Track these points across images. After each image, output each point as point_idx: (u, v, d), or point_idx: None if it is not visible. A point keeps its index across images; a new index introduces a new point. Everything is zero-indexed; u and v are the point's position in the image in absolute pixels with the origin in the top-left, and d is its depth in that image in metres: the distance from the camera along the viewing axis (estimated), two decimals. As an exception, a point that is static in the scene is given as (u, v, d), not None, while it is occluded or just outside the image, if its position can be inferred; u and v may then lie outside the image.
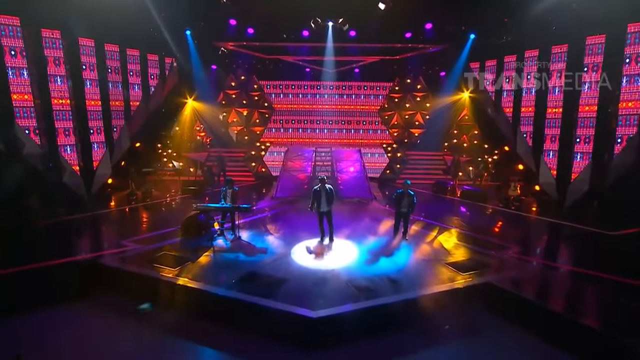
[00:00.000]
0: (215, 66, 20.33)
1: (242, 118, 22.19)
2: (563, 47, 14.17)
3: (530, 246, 10.63)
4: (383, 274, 8.05)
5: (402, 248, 9.69)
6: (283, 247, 9.62)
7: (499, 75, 17.15)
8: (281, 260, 8.75)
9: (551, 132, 14.86)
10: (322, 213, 9.75)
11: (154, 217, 12.81)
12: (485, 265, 8.62)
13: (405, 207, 10.07)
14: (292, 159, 18.87)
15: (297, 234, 10.49)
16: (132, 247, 9.44)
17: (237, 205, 9.82)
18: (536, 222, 12.97)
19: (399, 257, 9.14)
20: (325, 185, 9.68)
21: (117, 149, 16.16)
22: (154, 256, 8.84)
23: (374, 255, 9.18)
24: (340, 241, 9.95)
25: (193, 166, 19.36)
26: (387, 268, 8.40)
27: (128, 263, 8.50)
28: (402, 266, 8.57)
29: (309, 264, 8.56)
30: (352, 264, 8.60)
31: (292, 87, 22.16)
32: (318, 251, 9.33)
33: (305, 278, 7.85)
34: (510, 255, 9.33)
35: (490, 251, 9.51)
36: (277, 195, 15.55)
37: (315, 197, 9.71)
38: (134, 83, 17.10)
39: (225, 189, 10.30)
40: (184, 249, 9.40)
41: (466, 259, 8.99)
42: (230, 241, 10.00)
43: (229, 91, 21.93)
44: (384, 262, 8.83)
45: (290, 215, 12.58)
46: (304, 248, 9.52)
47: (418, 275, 8.11)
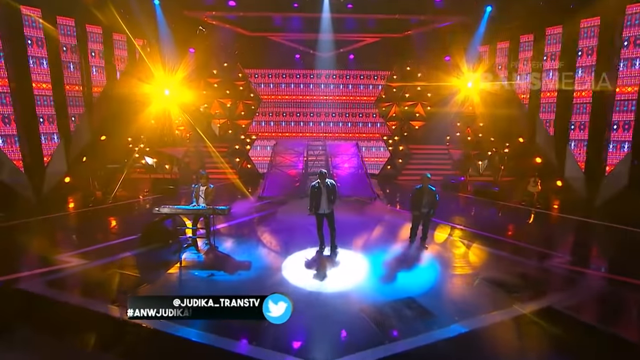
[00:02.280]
0: (194, 49, 17.96)
1: (225, 110, 19.90)
2: (594, 20, 12.32)
3: (580, 254, 8.47)
4: (407, 297, 5.93)
5: (423, 259, 7.61)
6: (272, 260, 7.44)
7: (512, 57, 15.29)
8: (269, 279, 6.55)
9: (579, 119, 13.00)
10: (322, 215, 7.59)
11: (112, 223, 10.47)
12: (536, 281, 6.60)
13: (426, 206, 7.98)
14: (282, 154, 16.65)
15: (290, 243, 8.31)
16: (71, 264, 7.13)
17: (211, 207, 7.58)
18: (573, 224, 10.90)
19: (422, 272, 7.05)
20: (326, 180, 7.53)
21: (75, 141, 13.76)
22: (99, 276, 6.56)
23: (391, 270, 7.07)
24: (344, 251, 7.80)
25: (169, 163, 17.01)
26: (411, 288, 6.28)
27: (56, 287, 6.20)
28: (429, 285, 6.47)
29: (307, 284, 6.37)
30: (364, 283, 6.46)
31: (281, 75, 19.93)
32: (318, 265, 7.16)
33: (303, 306, 5.68)
34: (561, 267, 7.33)
35: (533, 261, 7.52)
36: (265, 194, 13.35)
37: (313, 196, 7.56)
38: (97, 65, 14.70)
39: (198, 186, 8.07)
40: (142, 265, 7.15)
41: (507, 272, 6.95)
42: (204, 253, 7.74)
43: (210, 79, 19.61)
44: (404, 279, 6.74)
45: (281, 219, 10.42)
46: (299, 261, 7.33)
47: (453, 298, 6.03)
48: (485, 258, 7.76)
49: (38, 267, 6.91)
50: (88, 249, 7.91)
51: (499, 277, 6.66)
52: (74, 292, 6.02)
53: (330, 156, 16.09)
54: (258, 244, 8.39)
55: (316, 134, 19.54)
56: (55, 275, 6.64)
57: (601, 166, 12.21)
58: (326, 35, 16.71)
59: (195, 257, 7.61)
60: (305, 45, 18.27)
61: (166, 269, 6.96)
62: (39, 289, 6.08)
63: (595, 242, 9.63)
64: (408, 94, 19.75)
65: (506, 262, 7.52)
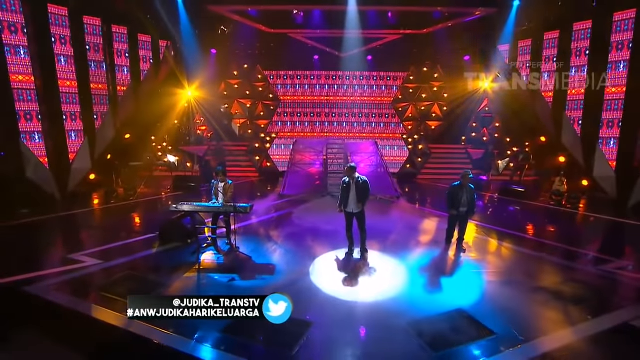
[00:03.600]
0: (215, 50, 17.01)
1: (245, 110, 18.93)
2: (630, 12, 10.88)
3: (636, 259, 7.12)
4: (456, 309, 4.76)
5: (465, 265, 6.41)
6: (297, 263, 6.33)
7: (537, 55, 13.88)
8: (296, 285, 5.45)
9: (609, 116, 11.58)
10: (351, 215, 6.46)
11: (132, 220, 9.53)
12: (598, 290, 5.36)
13: (465, 205, 6.77)
14: (301, 152, 15.58)
15: (315, 244, 7.21)
16: (86, 264, 6.15)
17: (232, 205, 6.52)
18: (613, 225, 9.46)
19: (466, 278, 5.86)
20: (356, 176, 6.40)
21: (100, 139, 12.90)
22: (112, 279, 5.57)
23: (430, 276, 5.89)
24: (375, 254, 6.65)
25: (190, 161, 16.10)
26: (457, 298, 5.11)
27: (64, 291, 5.21)
28: (476, 294, 5.28)
29: (340, 292, 5.26)
30: (404, 292, 5.32)
31: (302, 77, 18.82)
32: (349, 271, 6.02)
33: (339, 319, 4.58)
34: (620, 273, 6.06)
35: (586, 267, 6.27)
36: (285, 192, 12.28)
37: (342, 192, 6.44)
38: (122, 65, 13.84)
39: (216, 182, 7.03)
40: (158, 267, 6.13)
41: (563, 280, 5.71)
42: (224, 254, 6.69)
43: (231, 81, 18.67)
44: (448, 287, 5.57)
45: (303, 218, 9.32)
46: (327, 265, 6.23)
47: (508, 310, 4.82)
48: (531, 263, 6.51)
49: (48, 268, 5.96)
50: (104, 247, 6.94)
51: (555, 286, 5.45)
52: (79, 297, 5.01)
53: (349, 154, 14.94)
54: (281, 245, 7.28)
55: (335, 133, 18.39)
56: (64, 277, 5.66)
57: (635, 164, 10.77)
58: (347, 32, 15.50)
59: (214, 258, 6.57)
60: (324, 44, 17.09)
61: (184, 271, 5.93)
62: (44, 292, 5.10)
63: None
64: (425, 95, 18.51)
65: (557, 268, 6.30)
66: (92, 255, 6.50)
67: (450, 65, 16.95)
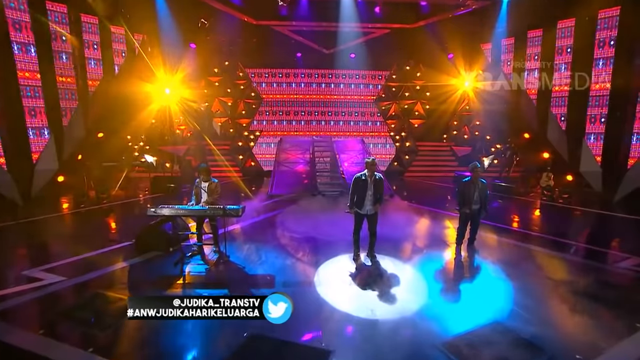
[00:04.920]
0: (195, 45, 15.65)
1: (226, 108, 17.65)
2: (614, 10, 10.59)
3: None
4: (493, 322, 3.94)
5: (483, 267, 5.63)
6: (298, 272, 5.35)
7: (519, 53, 13.51)
8: (303, 300, 4.41)
9: (593, 112, 11.29)
10: (363, 216, 5.52)
11: (104, 226, 8.18)
12: (633, 290, 4.73)
13: (478, 202, 6.00)
14: (287, 151, 14.52)
15: (314, 248, 6.26)
16: (44, 282, 4.90)
17: (220, 207, 5.45)
18: (608, 219, 9.02)
19: (490, 284, 5.06)
20: (375, 174, 5.45)
21: (69, 137, 11.37)
22: (76, 301, 4.39)
23: (450, 283, 5.07)
24: (384, 259, 5.76)
25: (169, 161, 14.69)
26: (488, 308, 4.29)
27: (9, 321, 3.99)
28: (508, 302, 4.48)
29: (354, 307, 4.31)
30: (426, 303, 4.44)
31: (279, 75, 17.70)
32: (360, 281, 5.07)
33: (361, 343, 3.64)
34: None
35: (608, 265, 5.66)
36: (274, 192, 11.22)
37: (357, 191, 5.45)
38: (93, 58, 12.32)
39: (198, 182, 5.93)
40: (134, 282, 4.98)
41: (591, 280, 5.04)
42: (213, 264, 5.61)
43: (211, 78, 17.33)
44: (473, 295, 4.74)
45: (297, 219, 8.31)
46: (334, 274, 5.27)
47: (549, 319, 4.05)
48: (552, 262, 5.85)
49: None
50: (69, 260, 5.67)
51: (588, 288, 4.76)
52: (29, 328, 3.82)
53: (337, 153, 14.05)
54: (277, 251, 6.25)
55: (320, 132, 17.45)
56: (13, 301, 4.42)
57: (621, 159, 10.49)
58: (334, 25, 14.55)
59: (202, 269, 5.47)
60: (310, 38, 16.05)
61: (166, 287, 4.81)
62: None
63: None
64: (408, 93, 17.94)
65: (574, 266, 5.65)
66: (53, 270, 5.25)
67: (433, 63, 16.38)
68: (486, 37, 14.55)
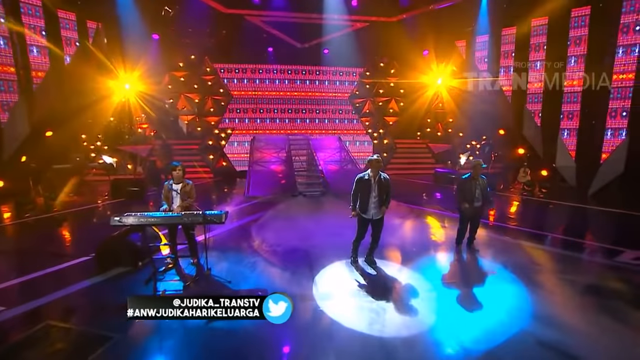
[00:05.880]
0: (158, 36, 14.43)
1: (193, 105, 16.55)
2: (586, 9, 10.88)
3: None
4: (521, 331, 3.55)
5: (489, 268, 5.29)
6: (293, 283, 4.69)
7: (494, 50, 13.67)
8: (304, 317, 3.82)
9: (569, 109, 11.58)
10: (368, 221, 4.98)
11: (56, 239, 7.03)
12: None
13: (480, 199, 5.70)
14: (261, 150, 13.78)
15: (306, 255, 5.64)
16: (-26, 314, 3.93)
17: (198, 212, 4.69)
18: (593, 213, 9.11)
19: (503, 287, 4.68)
20: (380, 173, 4.92)
21: (9, 136, 9.94)
22: (18, 337, 3.49)
23: (460, 288, 4.65)
24: (383, 264, 5.27)
25: (131, 162, 13.42)
26: (510, 315, 3.90)
27: None
28: (526, 307, 4.10)
29: (363, 323, 3.72)
30: (440, 314, 3.95)
31: (252, 71, 16.87)
32: (365, 290, 4.51)
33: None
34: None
35: (609, 260, 5.54)
36: (251, 193, 10.48)
37: (360, 191, 4.89)
38: (35, 44, 10.88)
39: (169, 184, 5.13)
40: (95, 310, 4.12)
41: (603, 279, 4.86)
42: (192, 280, 4.82)
43: (176, 73, 16.16)
44: (488, 301, 4.31)
45: (281, 222, 7.66)
46: (333, 283, 4.69)
47: (576, 326, 3.73)
48: (555, 259, 5.67)
49: None
50: (9, 284, 4.66)
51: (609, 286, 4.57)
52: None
53: (314, 151, 13.50)
54: (264, 259, 5.56)
55: (295, 130, 16.83)
56: None
57: (595, 154, 10.80)
58: (310, 17, 13.92)
59: (179, 287, 4.68)
60: (284, 31, 15.30)
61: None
62: None
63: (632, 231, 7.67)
64: (382, 90, 17.78)
65: (580, 263, 5.50)
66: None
67: (408, 59, 16.29)
68: (462, 34, 14.61)
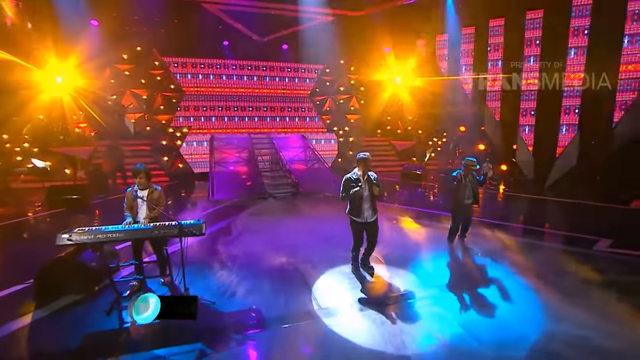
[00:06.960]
0: (98, 22, 12.81)
1: (140, 102, 15.04)
2: (540, 12, 11.53)
3: (617, 236, 6.33)
4: (544, 336, 3.36)
5: (491, 267, 5.12)
6: (287, 299, 4.12)
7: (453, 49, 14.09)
8: (311, 340, 3.33)
9: (526, 106, 12.24)
10: (363, 226, 4.53)
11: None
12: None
13: (470, 196, 5.58)
14: (221, 150, 12.85)
15: (295, 264, 5.10)
16: None
17: (171, 223, 3.94)
18: (560, 204, 9.52)
19: (512, 288, 4.48)
20: (369, 173, 4.48)
21: None
22: None
23: (468, 291, 4.40)
24: (381, 269, 4.90)
25: (70, 165, 11.75)
26: (527, 319, 3.70)
27: None
28: (538, 309, 3.96)
29: (380, 341, 3.30)
30: (457, 323, 3.66)
31: (208, 66, 15.76)
32: (371, 301, 4.09)
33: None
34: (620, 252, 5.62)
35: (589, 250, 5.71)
36: (216, 197, 9.60)
37: (354, 197, 4.41)
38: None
39: (134, 190, 4.30)
40: (40, 356, 3.21)
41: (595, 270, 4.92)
42: (167, 304, 4.04)
43: (119, 66, 14.55)
44: (501, 305, 4.09)
45: (256, 228, 6.99)
46: (335, 296, 4.19)
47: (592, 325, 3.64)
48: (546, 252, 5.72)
49: None
50: None
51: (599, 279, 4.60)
52: None
53: (279, 150, 12.88)
54: (248, 272, 4.90)
55: (257, 129, 16.03)
56: None
57: (550, 149, 11.52)
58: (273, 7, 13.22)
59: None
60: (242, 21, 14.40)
61: (95, 354, 3.18)
62: None
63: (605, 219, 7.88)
64: (342, 88, 17.65)
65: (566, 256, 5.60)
66: None
67: (369, 56, 16.28)
68: (423, 32, 14.88)
